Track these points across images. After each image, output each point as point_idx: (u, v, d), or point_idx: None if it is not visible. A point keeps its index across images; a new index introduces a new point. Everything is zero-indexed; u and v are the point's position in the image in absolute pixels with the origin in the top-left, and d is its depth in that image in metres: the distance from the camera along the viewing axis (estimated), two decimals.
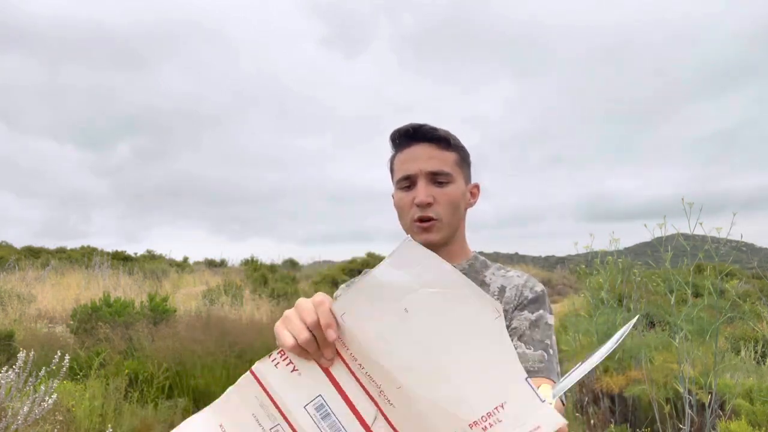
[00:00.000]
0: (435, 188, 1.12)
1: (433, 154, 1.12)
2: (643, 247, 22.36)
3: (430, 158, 1.12)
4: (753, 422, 3.26)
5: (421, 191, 1.10)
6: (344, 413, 0.71)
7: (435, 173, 1.11)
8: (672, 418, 3.70)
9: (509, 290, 1.14)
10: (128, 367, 5.34)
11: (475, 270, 1.19)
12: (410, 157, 1.13)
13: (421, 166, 1.11)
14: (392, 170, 1.20)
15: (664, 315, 5.13)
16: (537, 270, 29.10)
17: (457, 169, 1.15)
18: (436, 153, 1.12)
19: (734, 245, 3.73)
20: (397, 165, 1.16)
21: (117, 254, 18.48)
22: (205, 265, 19.89)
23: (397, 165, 1.17)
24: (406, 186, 1.14)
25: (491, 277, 1.18)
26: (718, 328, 3.52)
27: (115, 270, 12.66)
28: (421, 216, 1.11)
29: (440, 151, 1.13)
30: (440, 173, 1.12)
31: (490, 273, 1.19)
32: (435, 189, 1.12)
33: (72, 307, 7.83)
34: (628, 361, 4.37)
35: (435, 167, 1.11)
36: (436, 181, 1.12)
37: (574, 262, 6.89)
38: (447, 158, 1.14)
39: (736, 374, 4.09)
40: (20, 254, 16.34)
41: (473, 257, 1.22)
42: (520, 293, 1.13)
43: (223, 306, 9.39)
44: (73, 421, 4.19)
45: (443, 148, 1.13)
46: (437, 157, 1.12)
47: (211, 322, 6.80)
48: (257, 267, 16.25)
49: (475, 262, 1.21)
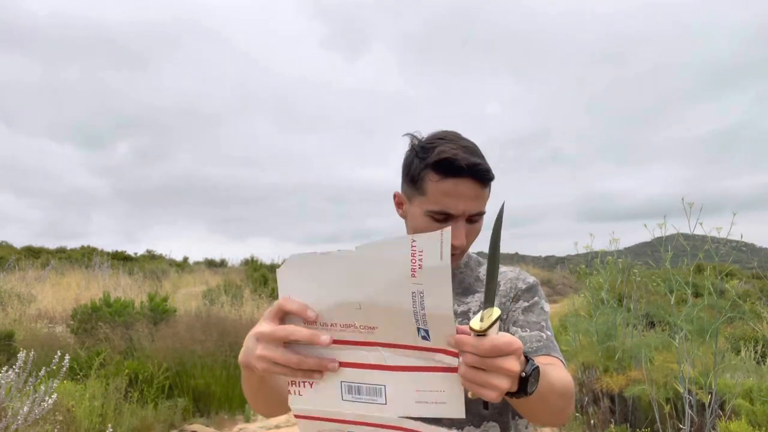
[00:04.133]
0: (469, 226, 1.07)
1: (477, 194, 1.04)
2: (643, 247, 22.36)
3: (474, 199, 1.04)
4: (753, 422, 3.26)
5: (461, 236, 1.04)
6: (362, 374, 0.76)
7: (475, 214, 1.06)
8: (672, 418, 3.70)
9: (504, 284, 1.16)
10: (128, 367, 5.34)
11: (470, 267, 1.21)
12: (456, 193, 1.02)
13: (467, 208, 1.03)
14: (421, 189, 1.07)
15: (664, 315, 5.14)
16: (537, 270, 29.11)
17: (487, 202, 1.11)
18: (479, 193, 1.04)
19: (734, 245, 3.72)
20: (435, 193, 1.04)
21: (117, 254, 18.50)
22: (205, 265, 19.88)
23: (434, 192, 1.04)
24: (440, 219, 1.04)
25: (485, 273, 1.18)
26: (718, 328, 3.52)
27: (115, 270, 12.66)
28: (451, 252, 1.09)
29: (482, 189, 1.05)
30: (479, 214, 1.07)
31: (485, 269, 1.20)
32: (469, 227, 1.07)
33: (72, 307, 7.83)
34: (628, 361, 4.37)
35: (477, 209, 1.05)
36: (471, 220, 1.07)
37: (574, 262, 6.89)
38: (486, 196, 1.07)
39: (736, 374, 4.09)
40: (20, 254, 16.35)
41: (467, 256, 1.23)
42: (514, 285, 1.15)
43: (223, 306, 9.39)
44: (73, 421, 4.19)
45: (485, 186, 1.05)
46: (480, 198, 1.05)
47: (211, 322, 6.81)
48: (257, 267, 16.26)
49: (469, 260, 1.22)
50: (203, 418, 5.58)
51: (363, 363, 0.76)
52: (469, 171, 1.00)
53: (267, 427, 5.32)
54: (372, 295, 0.71)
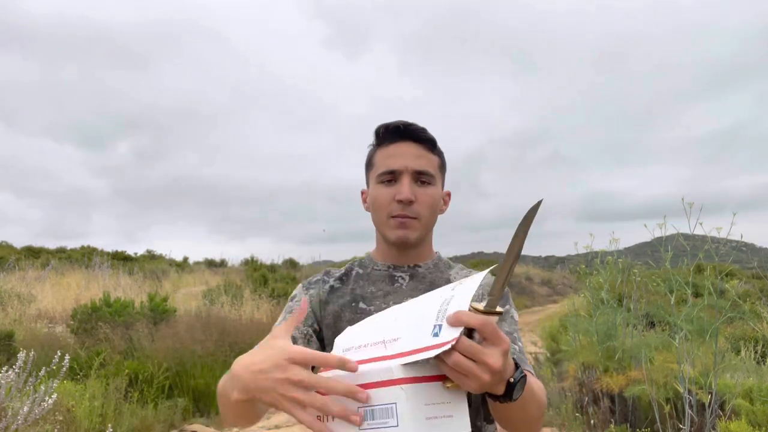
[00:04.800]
0: (418, 188, 1.12)
1: (421, 153, 1.12)
2: (643, 247, 22.35)
3: (418, 157, 1.12)
4: (753, 422, 3.26)
5: (406, 188, 1.10)
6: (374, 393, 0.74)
7: (420, 172, 1.11)
8: (672, 418, 3.70)
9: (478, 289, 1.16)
10: (128, 367, 5.34)
11: (439, 270, 1.21)
12: (397, 152, 1.12)
13: (408, 163, 1.11)
14: (371, 164, 1.18)
15: (664, 315, 5.14)
16: (537, 270, 29.09)
17: (438, 173, 1.16)
18: (423, 153, 1.13)
19: (734, 245, 3.72)
20: (380, 159, 1.14)
21: (117, 254, 18.49)
22: (205, 265, 19.87)
23: (379, 159, 1.15)
24: (387, 180, 1.12)
25: (455, 276, 1.20)
26: (718, 328, 3.51)
27: (115, 270, 12.65)
28: (401, 213, 1.11)
29: (427, 152, 1.13)
30: (425, 173, 1.12)
31: (455, 272, 1.21)
32: (418, 188, 1.11)
33: (72, 307, 7.83)
34: (628, 361, 4.37)
35: (422, 166, 1.11)
36: (419, 180, 1.12)
37: (574, 262, 6.88)
38: (432, 160, 1.14)
39: (736, 374, 4.08)
40: (20, 254, 16.34)
41: (437, 258, 1.24)
42: (487, 291, 1.16)
43: (223, 306, 9.38)
44: (73, 421, 4.19)
45: (429, 149, 1.14)
46: (424, 157, 1.13)
47: (211, 322, 6.81)
48: (257, 267, 16.25)
49: (438, 262, 1.23)
50: (203, 418, 5.58)
51: (375, 382, 0.74)
52: (405, 132, 1.12)
53: (267, 427, 5.32)
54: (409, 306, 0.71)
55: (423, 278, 1.18)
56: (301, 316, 0.95)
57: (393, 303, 1.11)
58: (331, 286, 1.19)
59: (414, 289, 1.15)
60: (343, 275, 1.22)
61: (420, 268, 1.19)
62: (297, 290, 1.22)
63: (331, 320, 1.14)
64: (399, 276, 1.18)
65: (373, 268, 1.20)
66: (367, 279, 1.19)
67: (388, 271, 1.19)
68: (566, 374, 5.05)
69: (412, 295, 1.12)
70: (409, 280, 1.17)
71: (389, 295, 1.15)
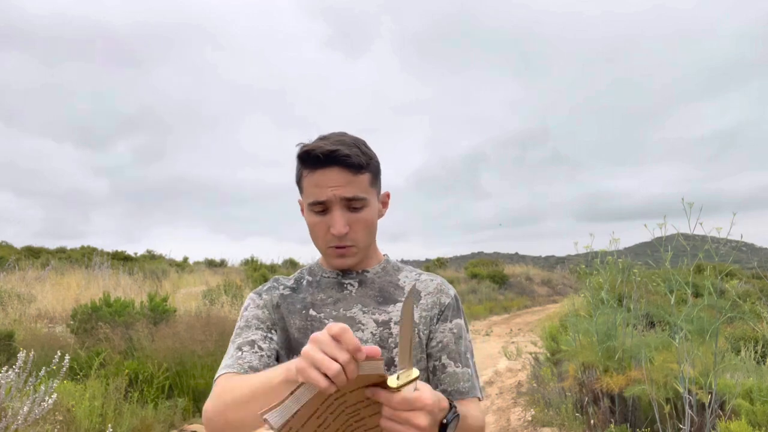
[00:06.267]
0: (350, 214, 1.09)
1: (349, 179, 1.06)
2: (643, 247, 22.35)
3: (347, 183, 1.06)
4: (753, 422, 3.26)
5: (338, 222, 1.07)
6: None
7: (350, 199, 1.07)
8: (672, 418, 3.70)
9: (425, 297, 1.17)
10: (128, 367, 5.34)
11: (387, 273, 1.21)
12: (323, 181, 1.06)
13: (337, 192, 1.06)
14: (300, 186, 1.14)
15: (664, 315, 5.13)
16: (537, 270, 29.07)
17: (370, 190, 1.12)
18: (351, 178, 1.06)
19: (734, 245, 3.72)
20: (308, 187, 1.09)
21: (117, 254, 18.49)
22: (205, 265, 19.88)
23: (307, 187, 1.10)
24: (319, 211, 1.09)
25: (404, 279, 1.20)
26: (718, 328, 3.52)
27: (115, 270, 12.65)
28: (338, 244, 1.10)
29: (354, 175, 1.07)
30: (355, 199, 1.07)
31: (404, 276, 1.21)
32: (350, 215, 1.09)
33: (72, 307, 7.83)
34: (628, 361, 4.36)
35: (351, 193, 1.07)
36: (350, 207, 1.08)
37: (574, 262, 6.89)
38: (361, 182, 1.08)
39: (736, 374, 4.09)
40: (20, 254, 16.35)
41: (385, 261, 1.24)
42: (438, 300, 1.17)
43: (223, 306, 9.39)
44: (73, 421, 4.19)
45: (356, 172, 1.07)
46: (352, 183, 1.07)
47: (211, 322, 6.80)
48: (257, 267, 16.26)
49: (387, 265, 1.23)
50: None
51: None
52: (328, 158, 1.04)
53: (267, 427, 5.32)
54: None
55: (372, 283, 1.18)
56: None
57: (343, 310, 1.13)
58: (282, 294, 1.19)
59: (363, 295, 1.16)
60: (294, 283, 1.22)
61: (368, 273, 1.19)
62: (249, 299, 1.20)
63: (283, 326, 1.15)
64: (348, 283, 1.18)
65: (322, 276, 1.21)
66: (317, 286, 1.19)
67: (337, 278, 1.19)
68: (566, 374, 5.05)
69: (361, 301, 1.14)
70: (359, 286, 1.17)
71: (339, 302, 1.15)
